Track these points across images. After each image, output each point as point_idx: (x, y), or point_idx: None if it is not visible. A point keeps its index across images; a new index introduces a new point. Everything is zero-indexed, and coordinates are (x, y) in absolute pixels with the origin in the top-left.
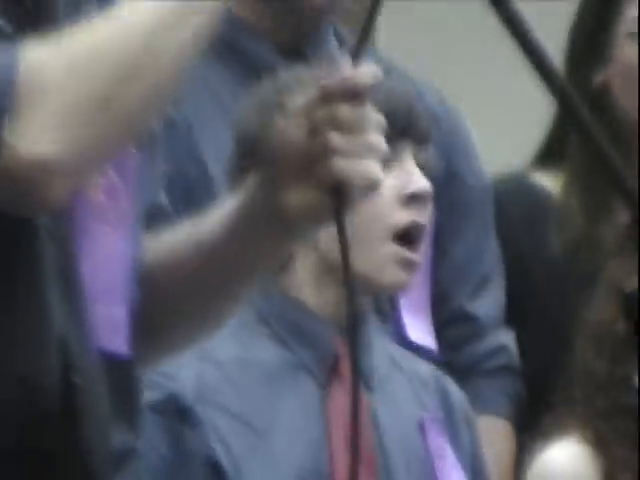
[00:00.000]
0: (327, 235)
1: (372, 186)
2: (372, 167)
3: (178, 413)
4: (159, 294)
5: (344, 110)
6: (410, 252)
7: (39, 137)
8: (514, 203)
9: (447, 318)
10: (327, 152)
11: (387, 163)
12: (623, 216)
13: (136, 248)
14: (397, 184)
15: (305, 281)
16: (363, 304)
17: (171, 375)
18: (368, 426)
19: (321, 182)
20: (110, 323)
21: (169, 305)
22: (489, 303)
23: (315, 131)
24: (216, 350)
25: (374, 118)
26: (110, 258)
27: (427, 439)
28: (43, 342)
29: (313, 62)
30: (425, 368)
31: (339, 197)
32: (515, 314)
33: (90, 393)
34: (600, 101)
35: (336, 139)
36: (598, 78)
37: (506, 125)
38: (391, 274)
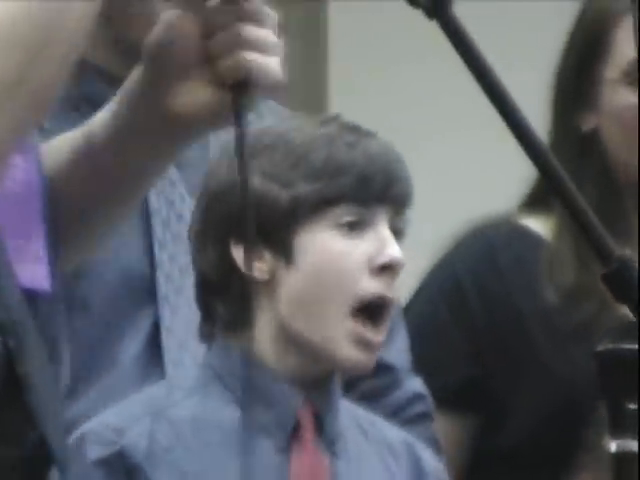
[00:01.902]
0: (289, 305)
1: (274, 85)
2: (277, 64)
3: (126, 471)
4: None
5: (252, 4)
6: (371, 331)
7: None
8: (506, 248)
9: None
10: (235, 45)
11: (361, 227)
12: None
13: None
14: (369, 251)
15: (266, 345)
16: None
17: (121, 430)
18: None
19: (222, 77)
20: (29, 258)
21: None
22: (400, 350)
23: (218, 26)
24: (171, 408)
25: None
26: (19, 189)
27: None
28: None
29: None
30: (396, 435)
31: (241, 92)
32: (510, 365)
33: (27, 350)
34: (590, 146)
35: (247, 31)
36: (587, 124)
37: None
38: (347, 353)
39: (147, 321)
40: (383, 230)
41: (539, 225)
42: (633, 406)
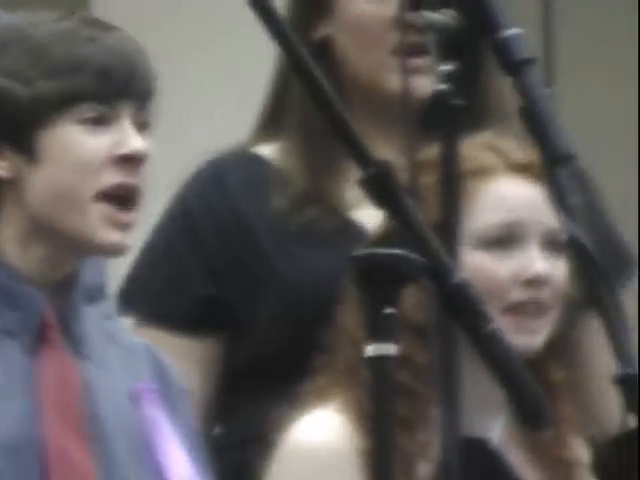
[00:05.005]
0: (38, 200)
1: None
2: None
3: None
4: None
5: None
6: (120, 212)
7: None
8: (233, 173)
9: None
10: None
11: (104, 123)
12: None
13: None
14: (110, 144)
15: (10, 240)
16: (72, 267)
17: None
18: (80, 394)
19: None
20: None
21: None
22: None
23: None
24: None
25: None
26: None
27: (141, 410)
28: None
29: None
30: (137, 341)
31: None
32: (245, 278)
33: None
34: (321, 54)
35: None
36: (320, 32)
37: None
38: (103, 235)
39: None
40: (125, 124)
41: (269, 150)
42: (390, 310)
